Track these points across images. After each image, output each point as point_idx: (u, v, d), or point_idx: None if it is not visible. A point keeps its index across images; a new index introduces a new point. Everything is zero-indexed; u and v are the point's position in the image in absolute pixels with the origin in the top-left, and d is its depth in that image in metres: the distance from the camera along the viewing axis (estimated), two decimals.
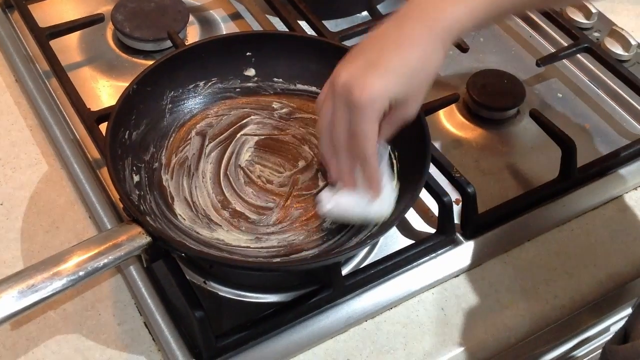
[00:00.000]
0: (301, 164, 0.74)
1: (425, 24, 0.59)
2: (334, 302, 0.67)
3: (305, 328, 0.65)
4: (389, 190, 0.66)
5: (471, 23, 0.60)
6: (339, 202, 0.65)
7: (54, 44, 0.84)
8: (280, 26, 0.91)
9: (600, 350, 0.90)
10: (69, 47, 0.89)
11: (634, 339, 0.62)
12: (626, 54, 0.90)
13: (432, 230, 0.72)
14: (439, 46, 0.59)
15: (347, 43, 0.86)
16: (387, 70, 0.58)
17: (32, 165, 0.76)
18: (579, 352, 0.89)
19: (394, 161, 0.71)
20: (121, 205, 0.71)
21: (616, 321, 0.86)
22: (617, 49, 0.90)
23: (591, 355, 0.92)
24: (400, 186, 0.70)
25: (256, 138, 0.75)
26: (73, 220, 0.72)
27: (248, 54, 0.77)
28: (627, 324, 0.65)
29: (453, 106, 0.85)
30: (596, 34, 0.93)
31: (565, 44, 0.91)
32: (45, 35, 0.84)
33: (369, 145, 0.60)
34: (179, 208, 0.69)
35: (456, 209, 0.72)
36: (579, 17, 0.94)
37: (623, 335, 0.64)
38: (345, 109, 0.59)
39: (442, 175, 0.73)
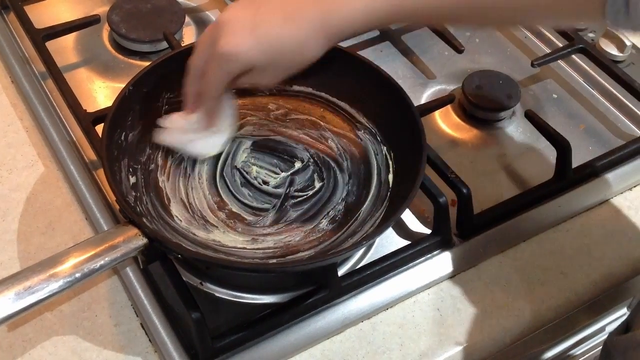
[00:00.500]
0: (297, 164, 0.74)
1: (320, 14, 0.59)
2: (331, 303, 0.67)
3: (301, 329, 0.65)
4: (218, 135, 0.71)
5: (365, 25, 0.60)
6: (172, 130, 0.70)
7: (50, 45, 0.84)
8: None
9: (597, 350, 0.91)
10: (65, 48, 0.89)
11: (635, 330, 0.62)
12: (621, 54, 0.90)
13: (428, 231, 0.72)
14: (322, 39, 0.60)
15: (343, 44, 0.86)
16: (260, 38, 0.59)
17: (29, 167, 0.76)
18: (575, 352, 0.89)
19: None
20: (117, 207, 0.71)
21: (611, 321, 0.86)
22: (611, 50, 0.90)
23: (587, 355, 0.92)
24: (395, 187, 0.70)
25: (252, 139, 0.76)
26: (69, 221, 0.72)
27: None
28: (629, 317, 0.66)
29: (448, 107, 0.85)
30: (591, 35, 0.93)
31: (560, 45, 0.91)
32: (42, 37, 0.84)
33: (212, 88, 0.63)
34: (175, 209, 0.69)
35: (452, 209, 0.72)
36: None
37: (625, 328, 0.65)
38: (210, 48, 0.61)
39: (437, 176, 0.73)
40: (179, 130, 0.70)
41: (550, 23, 0.86)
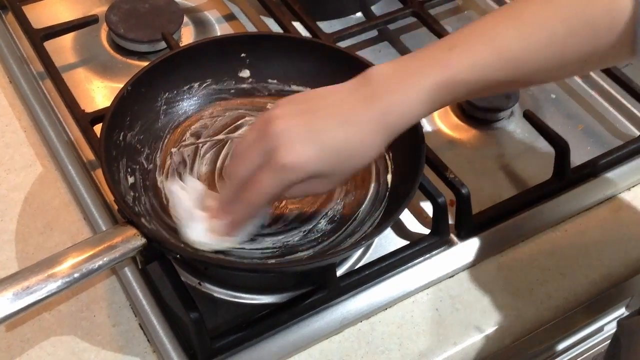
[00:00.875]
0: None
1: (376, 115, 0.57)
2: (329, 303, 0.67)
3: (300, 329, 0.65)
4: (225, 240, 0.63)
5: (423, 114, 0.58)
6: (180, 193, 0.65)
7: (48, 45, 0.84)
8: (275, 27, 0.91)
9: (596, 350, 0.91)
10: (63, 48, 0.89)
11: None
12: None
13: (427, 231, 0.72)
14: (382, 138, 0.58)
15: (342, 44, 0.86)
16: (322, 145, 0.56)
17: (27, 167, 0.76)
18: (573, 352, 0.89)
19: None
20: (116, 207, 0.71)
21: (610, 321, 0.86)
22: None
23: (585, 355, 0.92)
24: (394, 187, 0.70)
25: None
26: (68, 221, 0.72)
27: (242, 55, 0.78)
28: None
29: (447, 107, 0.85)
30: None
31: None
32: (40, 37, 0.84)
33: (258, 200, 0.58)
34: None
35: (450, 209, 0.72)
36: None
37: (638, 313, 0.65)
38: (265, 156, 0.56)
39: (436, 176, 0.73)
40: (193, 201, 0.64)
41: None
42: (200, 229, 0.62)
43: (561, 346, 0.83)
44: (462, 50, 0.57)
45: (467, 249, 0.72)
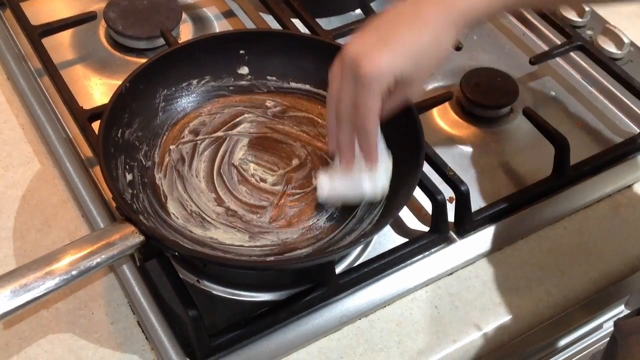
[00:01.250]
0: (295, 162, 0.74)
1: (441, 6, 0.60)
2: (328, 300, 0.67)
3: (299, 326, 0.65)
4: (383, 169, 0.66)
5: (486, 11, 0.61)
6: (334, 186, 0.67)
7: (46, 41, 0.84)
8: (274, 24, 0.91)
9: (595, 347, 0.91)
10: (61, 45, 0.88)
11: None
12: (619, 52, 0.90)
13: (426, 229, 0.72)
14: (452, 30, 0.60)
15: (341, 41, 0.86)
16: (396, 47, 0.59)
17: (24, 164, 0.76)
18: (572, 350, 0.89)
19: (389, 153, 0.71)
20: (114, 204, 0.70)
21: (609, 319, 0.86)
22: (610, 47, 0.90)
23: (584, 353, 0.92)
24: (394, 184, 0.70)
25: (250, 136, 0.75)
26: (66, 219, 0.72)
27: (241, 52, 0.77)
28: None
29: (446, 104, 0.85)
30: (589, 32, 0.93)
31: (559, 42, 0.91)
32: (38, 33, 0.84)
33: (370, 118, 0.61)
34: (172, 207, 0.69)
35: (450, 207, 0.72)
36: (572, 15, 0.94)
37: (636, 313, 0.65)
38: (352, 81, 0.60)
39: (435, 173, 0.73)
40: (347, 186, 0.66)
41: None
42: (364, 184, 0.65)
43: (560, 344, 0.83)
44: None
45: (466, 246, 0.72)
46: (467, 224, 0.72)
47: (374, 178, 0.65)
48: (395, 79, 0.59)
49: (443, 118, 0.85)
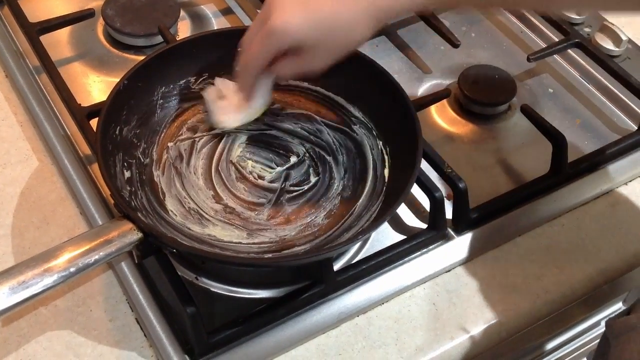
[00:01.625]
0: (293, 159, 0.74)
1: None
2: (326, 297, 0.67)
3: (297, 323, 0.65)
4: (243, 113, 0.72)
5: (411, 9, 0.62)
6: (216, 91, 0.74)
7: (44, 39, 0.84)
8: None
9: (593, 344, 0.91)
10: (59, 42, 0.88)
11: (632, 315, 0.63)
12: (617, 49, 0.90)
13: (424, 226, 0.72)
14: (371, 23, 0.61)
15: None
16: (310, 14, 0.60)
17: (23, 161, 0.76)
18: (570, 347, 0.89)
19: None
20: (112, 201, 0.70)
21: (606, 316, 0.86)
22: (607, 45, 0.90)
23: (582, 349, 0.93)
24: (391, 182, 0.70)
25: (247, 134, 0.75)
26: (64, 216, 0.72)
27: (239, 49, 0.77)
28: (630, 306, 0.66)
29: (444, 101, 0.85)
30: (587, 29, 0.93)
31: (556, 39, 0.91)
32: (36, 31, 0.84)
33: (252, 61, 0.64)
34: (171, 204, 0.69)
35: (447, 204, 0.72)
36: (569, 12, 0.94)
37: (627, 314, 0.65)
38: (261, 23, 0.62)
39: (433, 170, 0.73)
40: (221, 95, 0.73)
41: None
42: (221, 111, 0.72)
43: (558, 341, 0.84)
44: None
45: (464, 243, 0.72)
46: (465, 221, 0.72)
47: (235, 113, 0.72)
48: (297, 43, 0.61)
49: (441, 115, 0.85)
